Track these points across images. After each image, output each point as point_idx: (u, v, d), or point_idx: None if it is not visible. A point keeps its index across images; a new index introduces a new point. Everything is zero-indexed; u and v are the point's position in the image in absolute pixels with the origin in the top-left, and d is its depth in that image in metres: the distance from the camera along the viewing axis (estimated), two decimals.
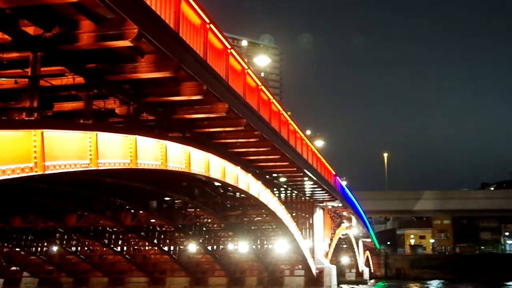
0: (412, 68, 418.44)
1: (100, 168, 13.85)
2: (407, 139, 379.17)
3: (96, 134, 13.58)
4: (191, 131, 20.67)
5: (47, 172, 11.98)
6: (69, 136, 12.83)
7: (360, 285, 75.07)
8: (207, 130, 21.04)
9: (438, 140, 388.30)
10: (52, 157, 12.10)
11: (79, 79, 13.96)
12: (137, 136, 15.57)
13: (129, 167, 15.24)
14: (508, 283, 77.68)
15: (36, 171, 11.65)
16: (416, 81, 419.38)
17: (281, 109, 26.78)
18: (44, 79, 13.58)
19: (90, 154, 13.37)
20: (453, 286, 70.70)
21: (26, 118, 11.80)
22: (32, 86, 12.02)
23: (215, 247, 44.33)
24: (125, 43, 12.24)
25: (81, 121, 13.77)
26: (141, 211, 35.58)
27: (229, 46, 18.67)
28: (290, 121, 29.16)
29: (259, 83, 22.71)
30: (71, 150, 12.84)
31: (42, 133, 11.71)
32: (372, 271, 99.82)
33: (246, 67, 20.71)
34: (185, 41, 14.99)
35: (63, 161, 12.56)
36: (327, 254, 51.77)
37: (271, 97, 24.88)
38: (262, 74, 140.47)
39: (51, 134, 12.14)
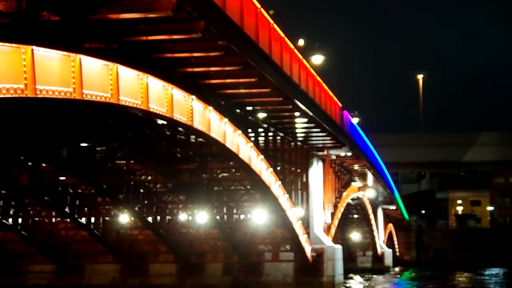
0: None
1: None
2: (452, 57, 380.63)
3: None
4: (119, 40, 20.64)
5: None
6: None
7: (379, 276, 76.85)
8: (143, 38, 21.02)
9: (500, 60, 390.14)
10: None
11: None
12: (34, 47, 15.56)
13: (23, 95, 15.31)
14: None
15: None
16: None
17: (259, 5, 26.77)
18: None
19: None
20: None
21: None
22: None
23: (158, 218, 44.86)
24: None
25: None
26: (44, 164, 35.74)
27: None
28: (274, 25, 29.17)
29: None
30: None
31: None
32: (398, 254, 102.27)
33: None
34: None
35: None
36: (329, 229, 52.83)
37: None
38: None
39: None
